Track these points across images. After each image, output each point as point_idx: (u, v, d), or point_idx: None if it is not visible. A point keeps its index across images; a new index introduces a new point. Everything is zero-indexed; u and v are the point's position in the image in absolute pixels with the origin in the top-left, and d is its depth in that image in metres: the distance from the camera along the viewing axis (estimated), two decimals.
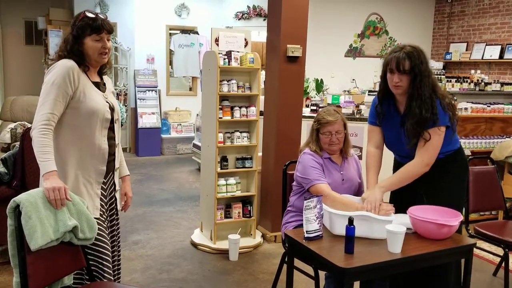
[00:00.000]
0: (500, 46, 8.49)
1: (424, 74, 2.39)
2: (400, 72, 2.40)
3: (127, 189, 2.61)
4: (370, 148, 2.68)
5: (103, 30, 2.21)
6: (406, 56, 2.39)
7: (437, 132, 2.41)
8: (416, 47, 2.45)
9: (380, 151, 2.68)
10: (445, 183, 2.55)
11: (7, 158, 3.35)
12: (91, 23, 2.20)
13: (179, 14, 8.58)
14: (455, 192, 2.59)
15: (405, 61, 2.39)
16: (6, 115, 5.87)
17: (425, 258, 2.12)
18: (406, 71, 2.39)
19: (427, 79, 2.41)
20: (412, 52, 2.40)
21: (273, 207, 4.17)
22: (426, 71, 2.41)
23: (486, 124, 5.10)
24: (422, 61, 2.40)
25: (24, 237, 1.90)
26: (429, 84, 2.41)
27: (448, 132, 2.46)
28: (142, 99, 8.20)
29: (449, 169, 2.55)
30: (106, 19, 2.26)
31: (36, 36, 9.81)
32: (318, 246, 2.13)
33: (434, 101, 2.40)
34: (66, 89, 2.13)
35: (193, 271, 3.62)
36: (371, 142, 2.69)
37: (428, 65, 2.43)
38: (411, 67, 2.38)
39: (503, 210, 3.51)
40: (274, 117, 4.24)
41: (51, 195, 1.99)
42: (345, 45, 9.30)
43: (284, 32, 4.09)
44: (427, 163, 2.43)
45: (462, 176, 2.66)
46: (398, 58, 2.40)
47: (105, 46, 2.24)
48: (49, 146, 2.06)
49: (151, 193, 5.81)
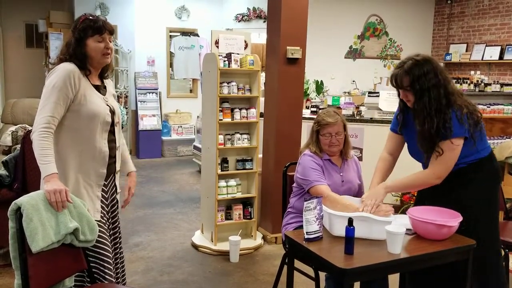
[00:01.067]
0: (500, 47, 8.50)
1: (429, 86, 2.28)
2: (402, 89, 2.37)
3: (132, 184, 2.59)
4: (384, 153, 2.66)
5: (104, 31, 2.24)
6: (405, 72, 2.32)
7: (450, 146, 2.28)
8: (421, 58, 2.33)
9: (392, 158, 2.64)
10: (467, 194, 2.40)
11: (8, 161, 3.36)
12: (93, 25, 2.22)
13: (179, 16, 8.60)
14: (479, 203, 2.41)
15: (404, 77, 2.33)
16: (7, 118, 5.88)
17: (425, 258, 2.12)
18: (406, 88, 2.34)
19: (436, 90, 2.28)
20: (412, 67, 2.31)
21: (274, 209, 4.17)
22: (433, 82, 2.29)
23: (486, 125, 5.07)
24: (425, 72, 2.29)
25: (26, 239, 1.91)
26: (439, 96, 2.28)
27: (469, 142, 2.33)
28: (143, 101, 8.21)
29: (472, 178, 2.40)
30: (106, 21, 2.29)
31: (36, 39, 9.83)
32: (318, 247, 2.14)
33: (447, 113, 2.28)
34: (67, 92, 2.14)
35: (194, 272, 3.63)
36: (386, 147, 2.67)
37: (437, 75, 2.30)
38: (410, 83, 2.31)
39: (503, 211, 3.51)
40: (274, 118, 4.25)
41: (52, 198, 2.00)
42: (345, 47, 9.32)
43: (284, 34, 4.10)
44: (438, 176, 2.34)
45: (487, 185, 2.45)
46: (396, 76, 2.36)
47: (108, 46, 2.26)
48: (49, 149, 2.07)
49: (151, 195, 5.82)
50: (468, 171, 2.40)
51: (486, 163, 2.43)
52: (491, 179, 2.47)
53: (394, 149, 2.64)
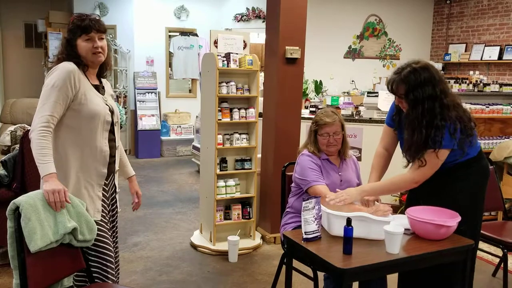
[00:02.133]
0: (499, 47, 8.50)
1: (424, 97, 2.25)
2: (397, 95, 2.37)
3: (137, 188, 2.67)
4: (380, 148, 2.67)
5: (91, 30, 2.22)
6: (401, 80, 2.29)
7: (434, 157, 2.29)
8: (419, 66, 2.28)
9: (388, 153, 2.65)
10: (457, 191, 2.43)
11: (7, 161, 3.36)
12: (80, 24, 2.21)
13: (179, 16, 8.60)
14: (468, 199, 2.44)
15: (400, 85, 2.31)
16: (6, 117, 5.88)
17: (423, 258, 2.12)
18: (401, 95, 2.33)
19: (431, 102, 2.25)
20: (409, 75, 2.27)
21: (272, 209, 4.17)
22: (429, 93, 2.25)
23: (485, 125, 5.11)
24: (423, 81, 2.25)
25: (24, 239, 1.91)
26: (433, 108, 2.25)
27: (458, 151, 2.33)
28: (142, 101, 8.22)
29: (462, 177, 2.42)
30: (96, 19, 2.26)
31: (35, 38, 9.82)
32: (316, 247, 2.14)
33: (440, 126, 2.25)
34: (67, 92, 2.14)
35: (193, 272, 3.63)
36: (382, 142, 2.67)
37: (435, 87, 2.26)
38: (405, 92, 2.30)
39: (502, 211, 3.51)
40: (273, 118, 4.25)
41: (51, 198, 2.00)
42: (344, 47, 9.32)
43: (282, 34, 4.10)
44: (416, 181, 2.37)
45: (477, 183, 2.48)
46: (393, 82, 2.34)
47: (96, 45, 2.23)
48: (48, 148, 2.06)
49: (151, 195, 5.82)
50: (456, 169, 2.42)
51: (473, 163, 2.45)
52: (479, 176, 2.49)
53: (389, 144, 2.65)
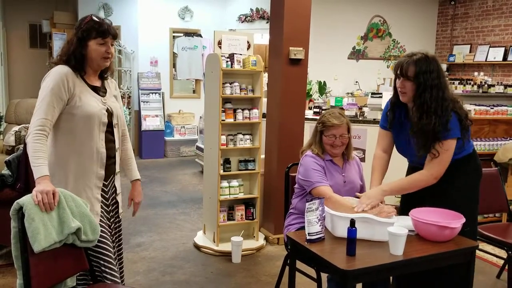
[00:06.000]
0: (504, 48, 8.47)
1: (431, 84, 2.31)
2: (404, 77, 2.37)
3: (134, 195, 2.59)
4: (378, 151, 2.68)
5: (108, 35, 2.25)
6: (413, 62, 2.34)
7: (444, 147, 2.34)
8: (430, 56, 2.37)
9: (387, 155, 2.66)
10: (453, 189, 2.47)
11: (11, 161, 3.37)
12: (97, 27, 2.23)
13: (183, 17, 8.61)
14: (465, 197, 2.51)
15: (410, 66, 2.34)
16: (11, 117, 5.89)
17: (427, 260, 2.11)
18: (409, 77, 2.35)
19: (436, 91, 2.32)
20: (421, 60, 2.33)
21: (276, 209, 4.17)
22: (436, 82, 2.32)
23: (490, 126, 5.09)
24: (431, 70, 2.32)
25: (28, 239, 1.91)
26: (438, 97, 2.32)
27: (458, 143, 2.40)
28: (146, 101, 8.23)
29: (458, 175, 2.47)
30: (112, 25, 2.30)
31: (40, 39, 9.87)
32: (320, 248, 2.14)
33: (448, 114, 2.33)
34: (61, 95, 2.15)
35: (196, 273, 3.63)
36: (380, 145, 2.68)
37: (441, 78, 2.35)
38: (415, 74, 2.33)
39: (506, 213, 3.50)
40: (276, 119, 4.25)
41: (38, 197, 1.94)
42: (348, 48, 9.31)
43: (286, 34, 4.10)
44: (435, 176, 2.39)
45: (472, 181, 2.56)
46: (403, 63, 2.36)
47: (109, 50, 2.26)
48: (41, 151, 2.07)
49: (154, 195, 5.83)
50: (453, 166, 2.44)
51: (471, 159, 2.54)
52: (475, 173, 2.57)
53: (387, 146, 2.67)
